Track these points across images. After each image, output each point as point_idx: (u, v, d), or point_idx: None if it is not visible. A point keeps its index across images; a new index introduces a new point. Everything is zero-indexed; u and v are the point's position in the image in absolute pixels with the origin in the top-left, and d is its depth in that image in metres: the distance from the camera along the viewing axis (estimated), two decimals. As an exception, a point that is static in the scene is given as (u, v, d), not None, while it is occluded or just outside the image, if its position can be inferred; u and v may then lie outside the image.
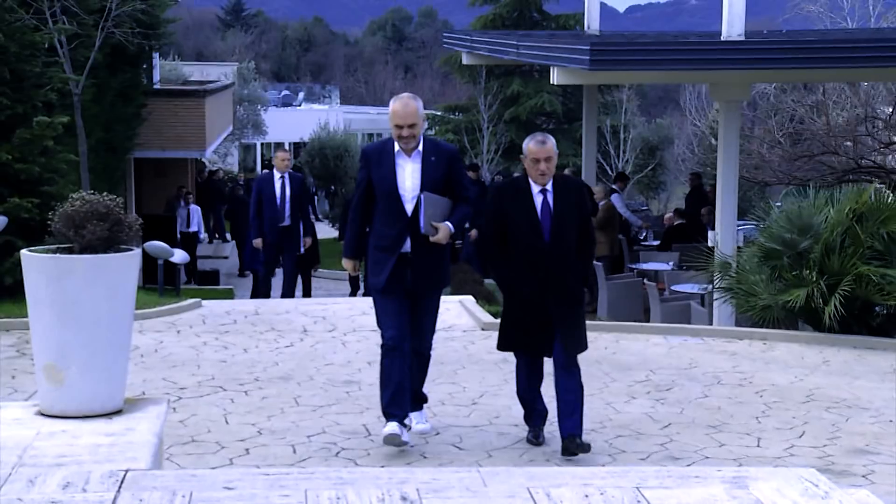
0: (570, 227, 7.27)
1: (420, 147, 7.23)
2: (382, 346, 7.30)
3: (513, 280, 7.38)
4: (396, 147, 7.22)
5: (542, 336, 7.30)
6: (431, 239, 7.14)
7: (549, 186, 7.28)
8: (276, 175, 14.41)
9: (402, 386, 7.26)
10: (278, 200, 14.27)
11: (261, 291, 15.78)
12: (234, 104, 39.45)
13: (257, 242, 14.43)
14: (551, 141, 7.31)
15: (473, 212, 7.55)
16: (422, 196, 7.13)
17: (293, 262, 14.85)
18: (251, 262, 17.95)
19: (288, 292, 14.94)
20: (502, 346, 7.63)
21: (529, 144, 7.26)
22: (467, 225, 13.86)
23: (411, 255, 7.23)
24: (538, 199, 7.27)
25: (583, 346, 7.39)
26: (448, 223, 7.18)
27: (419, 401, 7.75)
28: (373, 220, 7.39)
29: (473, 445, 7.76)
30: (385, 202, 7.25)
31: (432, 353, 7.80)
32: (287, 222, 14.39)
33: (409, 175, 7.21)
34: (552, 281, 7.21)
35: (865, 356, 11.07)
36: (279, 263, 15.12)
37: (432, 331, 7.62)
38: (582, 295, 7.50)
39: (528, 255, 7.23)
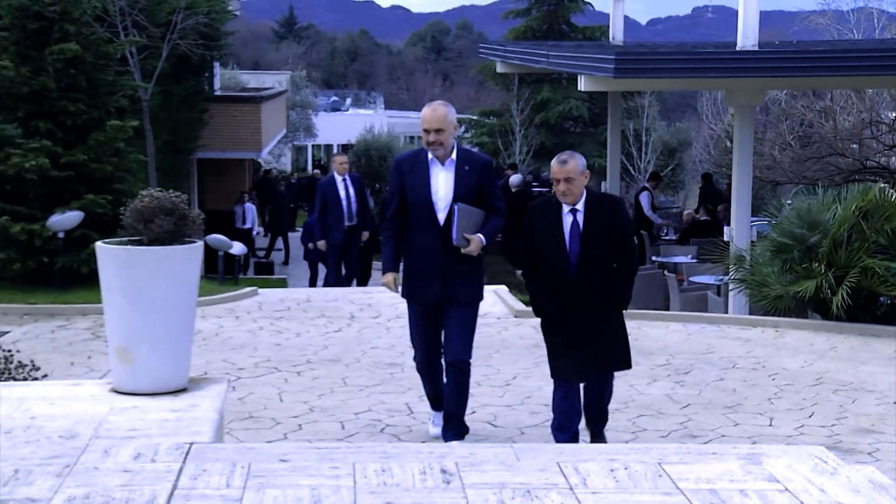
0: (601, 249, 6.46)
1: (454, 156, 6.64)
2: (415, 363, 7.01)
3: (542, 300, 6.65)
4: (430, 156, 6.63)
5: (572, 358, 6.55)
6: (463, 251, 6.55)
7: (579, 206, 6.48)
8: (338, 178, 14.19)
9: (440, 392, 6.96)
10: (343, 202, 14.06)
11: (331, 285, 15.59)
12: (287, 109, 39.54)
13: (322, 244, 14.29)
14: (575, 161, 6.44)
15: (503, 224, 6.87)
16: (456, 207, 6.51)
17: (358, 257, 14.78)
18: (309, 256, 17.94)
19: (351, 283, 14.89)
20: (554, 374, 6.71)
21: (553, 163, 6.54)
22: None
23: (444, 265, 6.61)
24: (567, 220, 6.50)
25: (622, 362, 6.70)
26: (480, 235, 6.58)
27: (458, 427, 6.88)
28: (407, 231, 6.79)
29: (507, 423, 7.75)
30: (418, 211, 6.65)
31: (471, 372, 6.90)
32: (354, 221, 14.27)
33: (442, 183, 6.61)
34: (580, 304, 6.46)
35: (871, 343, 10.96)
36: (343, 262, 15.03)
37: (467, 344, 6.73)
38: (615, 316, 6.64)
39: (555, 278, 6.51)
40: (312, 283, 17.70)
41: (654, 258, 18.07)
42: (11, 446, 4.60)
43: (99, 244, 5.48)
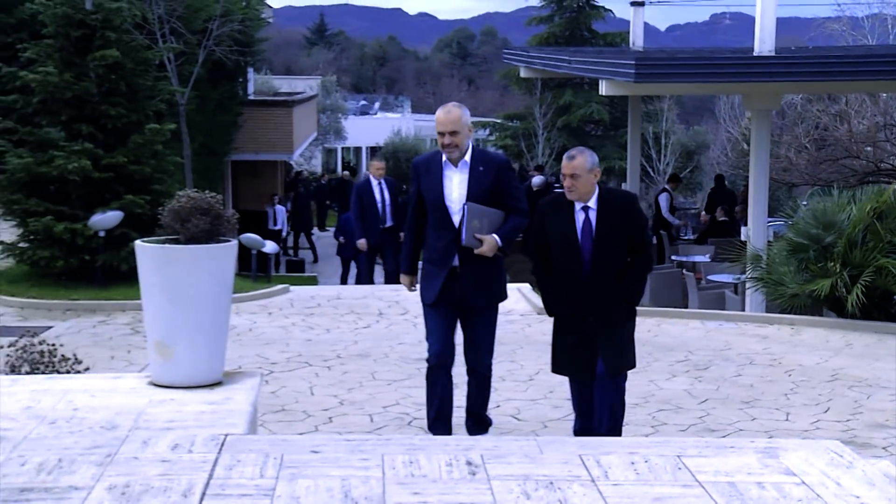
0: (614, 248, 6.14)
1: (468, 157, 6.34)
2: (427, 362, 6.55)
3: (553, 300, 6.37)
4: (444, 158, 6.36)
5: (584, 357, 6.23)
6: (476, 251, 6.20)
7: (592, 203, 6.15)
8: (374, 182, 14.14)
9: (446, 404, 6.51)
10: (379, 205, 14.02)
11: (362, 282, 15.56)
12: (318, 113, 39.61)
13: (362, 243, 14.12)
14: (583, 158, 6.12)
15: (524, 224, 6.50)
16: (465, 207, 6.21)
17: (394, 257, 14.78)
18: (341, 251, 17.95)
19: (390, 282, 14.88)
20: (553, 368, 6.49)
21: (564, 159, 6.23)
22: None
23: (460, 267, 6.31)
24: (579, 218, 6.17)
25: (626, 364, 6.31)
26: (494, 235, 6.23)
27: (481, 423, 6.76)
28: (425, 233, 6.56)
29: (530, 417, 7.73)
30: (434, 214, 6.38)
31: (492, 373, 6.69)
32: (389, 223, 14.25)
33: (456, 185, 6.32)
34: (592, 303, 6.14)
35: (885, 340, 10.87)
36: (376, 262, 15.04)
37: (489, 349, 6.53)
38: (627, 315, 6.29)
39: (566, 277, 6.20)
40: (344, 278, 17.72)
41: (672, 257, 18.01)
42: (55, 436, 4.63)
43: (138, 243, 5.50)
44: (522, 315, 11.84)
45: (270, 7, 28.62)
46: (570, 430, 7.29)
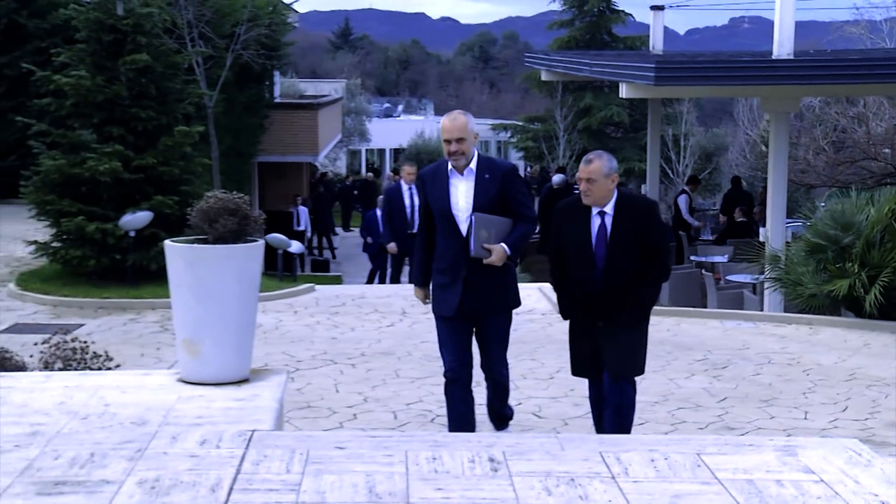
0: (628, 255, 5.89)
1: (473, 165, 6.12)
2: (444, 377, 6.35)
3: (567, 304, 6.21)
4: (450, 166, 6.16)
5: (594, 361, 6.09)
6: (485, 261, 5.99)
7: (608, 209, 5.93)
8: (405, 187, 13.90)
9: (466, 418, 6.33)
10: (408, 210, 13.80)
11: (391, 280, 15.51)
12: (343, 115, 39.71)
13: (392, 247, 14.00)
14: (600, 162, 5.93)
15: (532, 232, 6.28)
16: (472, 217, 5.99)
17: None
18: (368, 249, 17.97)
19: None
20: (572, 370, 6.38)
21: (581, 162, 6.07)
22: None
23: (469, 277, 6.09)
24: (595, 223, 5.96)
25: (629, 370, 6.04)
26: (503, 244, 6.01)
27: (502, 419, 6.64)
28: (435, 244, 6.36)
29: (551, 414, 7.72)
30: (441, 223, 6.19)
31: (510, 373, 6.51)
32: (416, 230, 14.16)
33: (462, 194, 6.11)
34: (602, 309, 5.95)
35: (902, 340, 10.80)
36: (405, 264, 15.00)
37: (501, 356, 6.34)
38: (636, 321, 6.02)
39: (579, 282, 6.01)
40: (373, 274, 17.70)
41: (691, 258, 17.93)
42: (87, 431, 4.66)
43: (167, 242, 5.53)
44: (544, 314, 11.82)
45: (296, 12, 28.69)
46: (591, 428, 7.29)
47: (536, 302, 12.37)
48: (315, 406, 7.84)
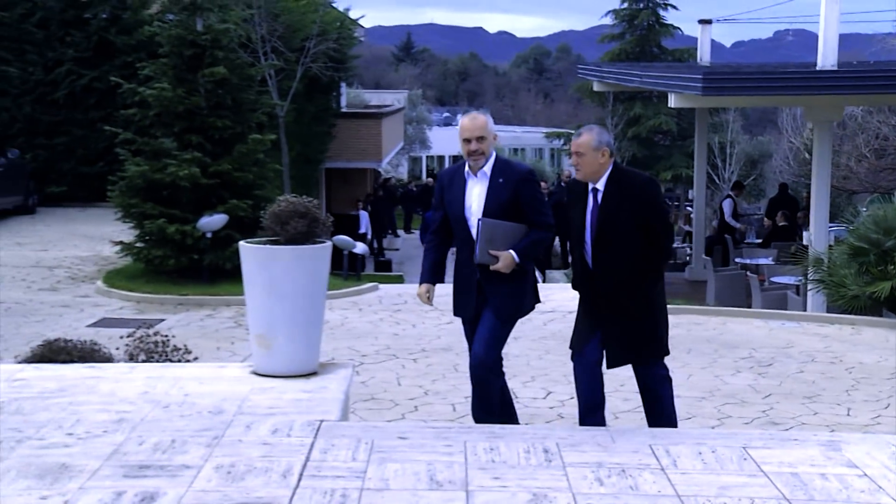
0: (619, 233, 5.22)
1: (488, 168, 5.57)
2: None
3: (573, 277, 5.64)
4: (466, 169, 5.63)
5: (587, 337, 5.42)
6: (492, 268, 5.45)
7: (600, 185, 5.29)
8: None
9: (501, 408, 5.81)
10: None
11: None
12: (405, 124, 39.84)
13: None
14: (590, 136, 5.31)
15: (547, 238, 5.64)
16: (479, 222, 5.49)
17: None
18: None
19: None
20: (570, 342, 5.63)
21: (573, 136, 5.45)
22: None
23: (481, 280, 5.57)
24: (590, 200, 5.34)
25: (655, 352, 5.39)
26: (511, 251, 5.41)
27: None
28: (449, 245, 5.86)
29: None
30: (456, 227, 5.68)
31: (498, 382, 5.73)
32: None
33: (475, 197, 5.58)
34: (600, 290, 5.33)
35: (943, 341, 10.57)
36: None
37: (488, 347, 5.56)
38: (639, 308, 5.32)
39: (578, 259, 5.44)
40: None
41: (736, 260, 17.72)
42: (168, 419, 4.72)
43: (242, 243, 5.57)
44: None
45: (362, 26, 28.81)
46: (641, 422, 7.21)
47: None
48: (378, 398, 7.86)
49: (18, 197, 18.61)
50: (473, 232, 5.57)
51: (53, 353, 5.98)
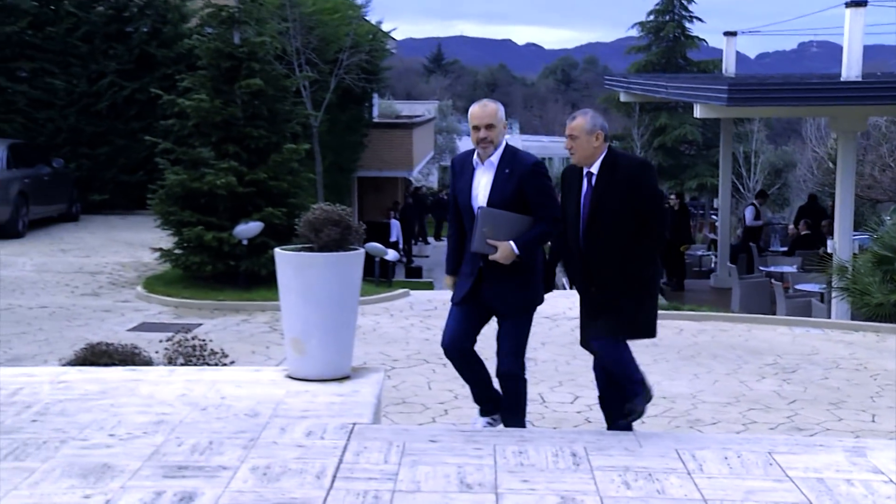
0: (611, 219, 4.96)
1: (496, 157, 5.34)
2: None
3: (565, 266, 5.39)
4: (475, 157, 5.41)
5: (588, 327, 5.22)
6: (490, 258, 5.24)
7: (594, 168, 5.05)
8: None
9: (478, 384, 5.69)
10: None
11: None
12: (435, 134, 39.90)
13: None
14: (584, 119, 5.11)
15: (553, 233, 5.35)
16: (478, 211, 5.29)
17: None
18: None
19: None
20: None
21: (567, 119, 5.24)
22: None
23: (485, 270, 5.34)
24: (584, 185, 5.10)
25: (618, 329, 5.03)
26: (511, 242, 5.19)
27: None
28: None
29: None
30: (464, 215, 5.47)
31: (526, 384, 5.57)
32: None
33: (482, 187, 5.35)
34: (589, 275, 5.08)
35: (967, 348, 10.42)
36: None
37: (510, 350, 5.46)
38: (632, 289, 5.01)
39: (570, 244, 5.17)
40: None
41: (761, 268, 17.58)
42: (206, 421, 4.74)
43: (277, 250, 5.59)
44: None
45: (394, 39, 28.89)
46: (668, 426, 7.17)
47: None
48: (410, 402, 7.86)
49: (63, 205, 18.81)
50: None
51: (96, 356, 6.03)
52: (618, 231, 4.96)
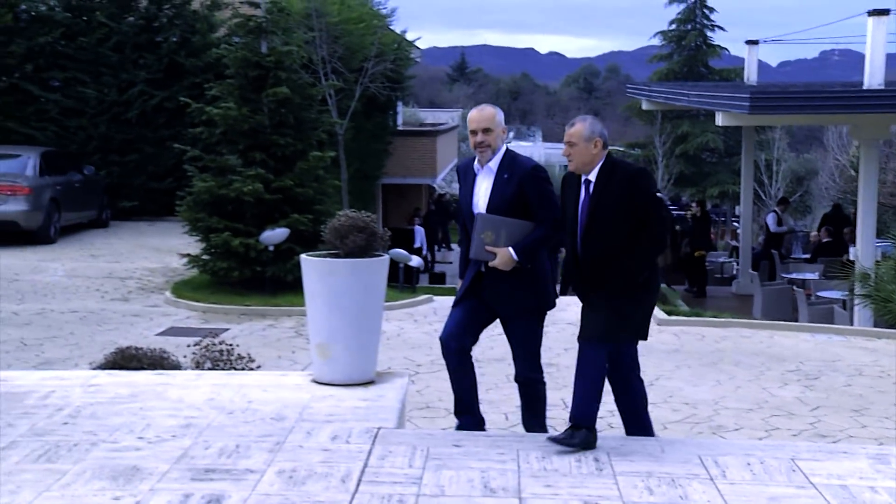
0: (609, 226, 4.84)
1: (495, 163, 5.26)
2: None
3: (564, 272, 5.23)
4: (475, 162, 5.35)
5: None
6: (490, 264, 5.20)
7: (592, 176, 4.93)
8: None
9: (464, 389, 5.50)
10: None
11: None
12: (458, 141, 39.89)
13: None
14: (582, 125, 4.98)
15: (553, 236, 5.27)
16: (477, 217, 5.21)
17: None
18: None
19: None
20: None
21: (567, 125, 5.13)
22: None
23: (485, 274, 5.29)
24: (583, 191, 4.97)
25: (596, 331, 4.82)
26: (510, 248, 5.13)
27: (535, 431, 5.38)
28: None
29: (651, 419, 7.55)
30: (467, 221, 5.39)
31: (544, 387, 5.48)
32: None
33: (482, 192, 5.28)
34: (588, 282, 4.93)
35: None
36: None
37: (527, 358, 5.37)
38: (625, 290, 4.86)
39: (570, 251, 5.04)
40: None
41: (783, 275, 17.46)
42: (233, 425, 4.75)
43: (303, 256, 5.60)
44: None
45: (418, 48, 28.94)
46: (690, 433, 7.12)
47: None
48: (434, 407, 7.85)
49: (94, 211, 18.95)
50: None
51: (125, 360, 6.06)
52: (615, 238, 4.86)
